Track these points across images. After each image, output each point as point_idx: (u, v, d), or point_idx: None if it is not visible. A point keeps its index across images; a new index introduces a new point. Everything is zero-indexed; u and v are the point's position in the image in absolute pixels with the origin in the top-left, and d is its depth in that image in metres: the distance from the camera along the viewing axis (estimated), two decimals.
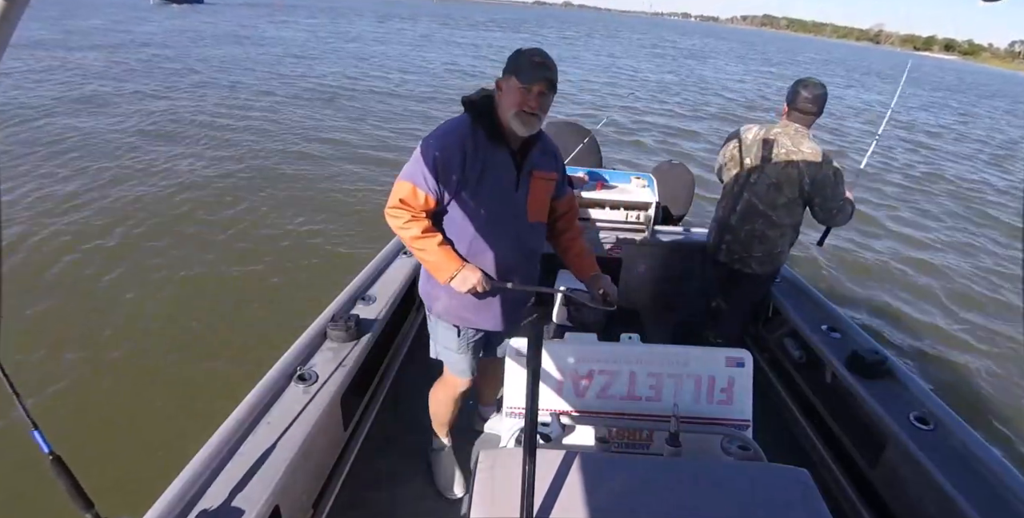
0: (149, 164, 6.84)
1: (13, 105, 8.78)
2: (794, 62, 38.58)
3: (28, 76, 11.11)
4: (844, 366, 2.07)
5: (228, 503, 1.32)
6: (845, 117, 15.19)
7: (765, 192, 2.29)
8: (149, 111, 9.34)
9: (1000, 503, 1.48)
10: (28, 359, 3.27)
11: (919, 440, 1.69)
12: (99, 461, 2.56)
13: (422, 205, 1.53)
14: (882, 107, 15.50)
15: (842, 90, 22.48)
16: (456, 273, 1.53)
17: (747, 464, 1.42)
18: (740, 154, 2.36)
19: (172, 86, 11.55)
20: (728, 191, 2.45)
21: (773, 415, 2.48)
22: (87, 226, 5.15)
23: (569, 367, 1.65)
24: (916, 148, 12.47)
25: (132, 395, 3.14)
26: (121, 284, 4.28)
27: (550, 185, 1.67)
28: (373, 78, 14.79)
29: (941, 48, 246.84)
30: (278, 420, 1.59)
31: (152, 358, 3.46)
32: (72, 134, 7.70)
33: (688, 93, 17.07)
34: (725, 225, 2.44)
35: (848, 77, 31.50)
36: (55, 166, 6.43)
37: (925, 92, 27.23)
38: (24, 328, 3.57)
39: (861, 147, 10.60)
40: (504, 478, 1.15)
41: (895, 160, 10.88)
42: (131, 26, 22.44)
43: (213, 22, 27.72)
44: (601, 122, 3.07)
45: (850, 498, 1.96)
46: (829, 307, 2.52)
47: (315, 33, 26.79)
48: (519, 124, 1.47)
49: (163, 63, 14.20)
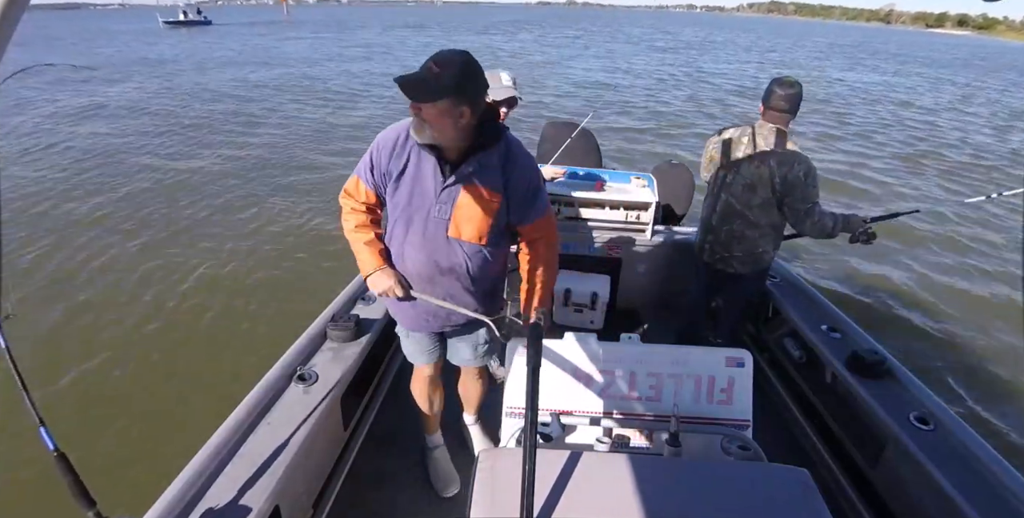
0: (151, 166, 6.84)
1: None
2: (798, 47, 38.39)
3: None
4: (844, 366, 2.07)
5: (228, 503, 1.32)
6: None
7: (741, 192, 2.28)
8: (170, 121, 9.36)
9: (1000, 503, 1.48)
10: (34, 359, 3.28)
11: (919, 440, 1.69)
12: (101, 460, 2.56)
13: (363, 198, 1.56)
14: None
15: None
16: (371, 273, 1.58)
17: (747, 464, 1.42)
18: (719, 154, 2.38)
19: (186, 104, 11.64)
20: (709, 191, 2.47)
21: (773, 415, 2.48)
22: (88, 226, 5.16)
23: (569, 367, 1.65)
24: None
25: (132, 395, 3.15)
26: (124, 285, 4.28)
27: (491, 205, 1.49)
28: (376, 87, 14.87)
29: (954, 24, 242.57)
30: (278, 420, 1.59)
31: (155, 359, 3.47)
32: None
33: (683, 89, 17.04)
34: (708, 225, 2.46)
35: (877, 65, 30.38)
36: (72, 173, 6.45)
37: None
38: (33, 328, 3.58)
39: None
40: (504, 478, 1.15)
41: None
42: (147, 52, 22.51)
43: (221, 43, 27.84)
44: (588, 116, 3.07)
45: (850, 498, 1.96)
46: (829, 307, 2.52)
47: (321, 48, 26.79)
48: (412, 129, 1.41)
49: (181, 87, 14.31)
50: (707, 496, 1.19)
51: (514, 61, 22.75)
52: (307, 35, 35.91)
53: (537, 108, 11.58)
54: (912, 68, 27.80)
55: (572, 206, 3.01)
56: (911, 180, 8.68)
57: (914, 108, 15.54)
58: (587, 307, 3.00)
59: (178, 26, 42.23)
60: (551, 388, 1.63)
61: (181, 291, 4.24)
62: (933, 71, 27.34)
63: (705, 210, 2.50)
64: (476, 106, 1.37)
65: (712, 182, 2.44)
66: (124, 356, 3.46)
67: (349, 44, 27.07)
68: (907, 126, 12.89)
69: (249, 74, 16.92)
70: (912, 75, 24.60)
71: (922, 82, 22.48)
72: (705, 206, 2.51)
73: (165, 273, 4.49)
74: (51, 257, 4.61)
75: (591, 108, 3.48)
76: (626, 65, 23.21)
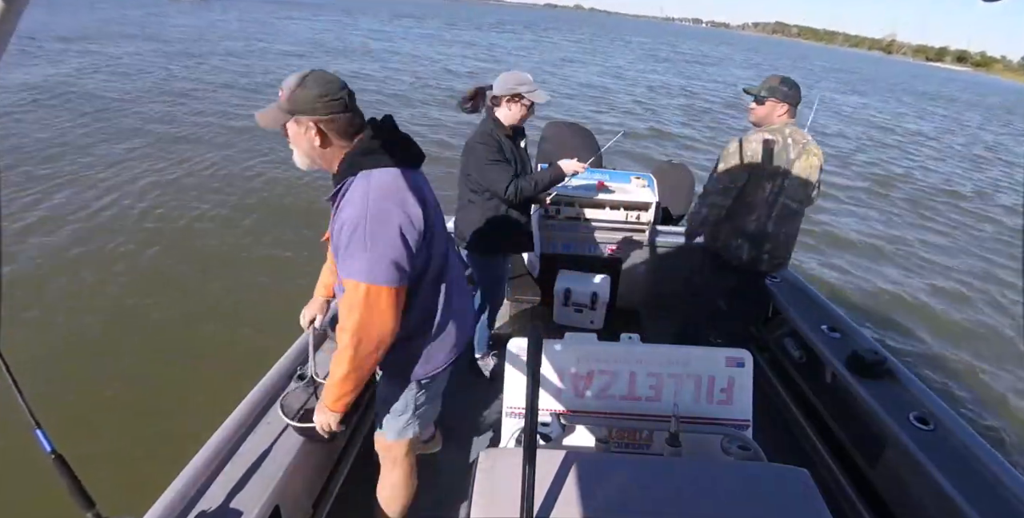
0: (152, 169, 6.84)
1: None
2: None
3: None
4: (844, 366, 2.07)
5: (228, 503, 1.32)
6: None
7: (796, 190, 2.30)
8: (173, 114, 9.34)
9: (1000, 503, 1.48)
10: (30, 359, 3.27)
11: (919, 440, 1.69)
12: (100, 460, 2.56)
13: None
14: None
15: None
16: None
17: (747, 464, 1.42)
18: (761, 161, 2.26)
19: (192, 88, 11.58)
20: (759, 201, 2.31)
21: (773, 415, 2.48)
22: (89, 228, 5.15)
23: (569, 367, 1.65)
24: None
25: (132, 396, 3.15)
26: (122, 286, 4.28)
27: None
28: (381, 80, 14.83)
29: (953, 59, 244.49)
30: (278, 420, 1.59)
31: (153, 358, 3.47)
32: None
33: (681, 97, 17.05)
34: (762, 234, 2.34)
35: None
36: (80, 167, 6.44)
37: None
38: (27, 328, 3.58)
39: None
40: (504, 478, 1.15)
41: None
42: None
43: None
44: (617, 135, 3.05)
45: (850, 498, 1.96)
46: (829, 307, 2.52)
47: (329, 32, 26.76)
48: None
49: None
50: (707, 496, 1.19)
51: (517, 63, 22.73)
52: (309, 16, 35.79)
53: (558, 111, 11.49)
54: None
55: (572, 206, 3.01)
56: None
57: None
58: (587, 307, 3.01)
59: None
60: (551, 388, 1.63)
61: (181, 293, 4.24)
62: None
63: (753, 223, 2.33)
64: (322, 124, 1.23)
65: (762, 193, 2.30)
66: (123, 356, 3.46)
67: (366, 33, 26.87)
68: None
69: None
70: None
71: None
72: (751, 220, 2.33)
73: (166, 275, 4.49)
74: (50, 259, 4.62)
75: (620, 127, 3.41)
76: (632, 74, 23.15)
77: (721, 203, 2.31)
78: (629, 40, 50.64)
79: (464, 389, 2.50)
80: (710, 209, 2.34)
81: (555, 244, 3.08)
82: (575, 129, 3.61)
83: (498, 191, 2.18)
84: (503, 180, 2.16)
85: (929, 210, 8.24)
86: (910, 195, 8.97)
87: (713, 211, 2.33)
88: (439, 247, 1.39)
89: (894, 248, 6.27)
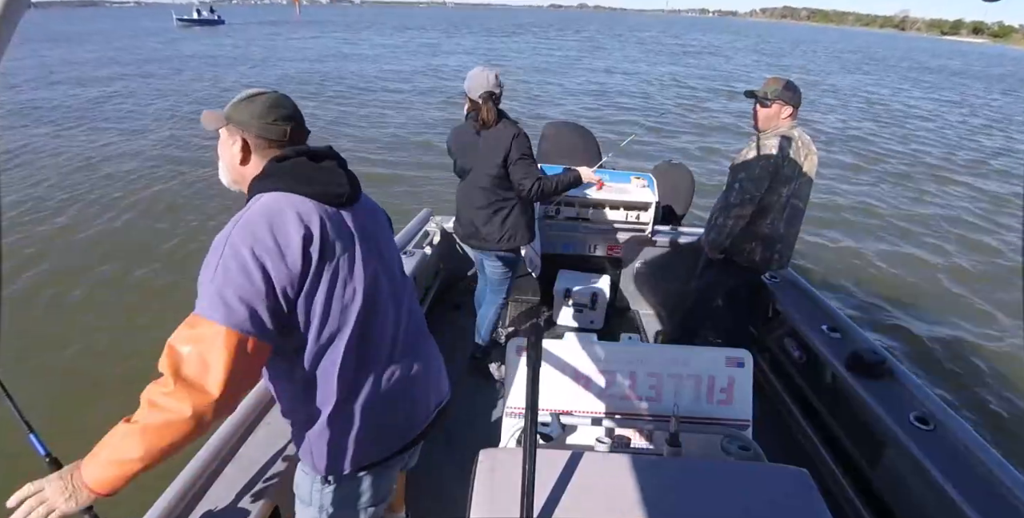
0: (158, 172, 6.85)
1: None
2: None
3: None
4: (844, 366, 2.07)
5: (228, 503, 1.32)
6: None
7: (804, 191, 2.35)
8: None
9: (1000, 503, 1.48)
10: (25, 363, 3.27)
11: (919, 440, 1.69)
12: None
13: None
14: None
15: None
16: None
17: (747, 464, 1.41)
18: (786, 168, 2.25)
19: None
20: (774, 205, 2.31)
21: (773, 415, 2.48)
22: (89, 227, 5.16)
23: (569, 367, 1.65)
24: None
25: (132, 396, 3.14)
26: (120, 287, 4.28)
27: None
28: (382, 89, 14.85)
29: (969, 31, 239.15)
30: (278, 420, 1.58)
31: (151, 359, 3.46)
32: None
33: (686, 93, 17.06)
34: (776, 237, 2.35)
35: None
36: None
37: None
38: (22, 333, 3.58)
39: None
40: (504, 478, 1.14)
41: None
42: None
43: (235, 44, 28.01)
44: (625, 140, 3.02)
45: (850, 498, 1.96)
46: (829, 307, 2.52)
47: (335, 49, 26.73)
48: None
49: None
50: (707, 496, 1.19)
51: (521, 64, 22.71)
52: (318, 33, 35.74)
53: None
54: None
55: (572, 206, 3.01)
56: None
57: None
58: (587, 307, 3.00)
59: (192, 25, 43.66)
60: (551, 388, 1.63)
61: (180, 293, 4.24)
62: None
63: (767, 227, 2.34)
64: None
65: (775, 196, 2.29)
66: (121, 355, 3.45)
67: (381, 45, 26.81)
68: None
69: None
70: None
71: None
72: (765, 223, 2.34)
73: (165, 274, 4.49)
74: (49, 260, 4.62)
75: (629, 132, 3.36)
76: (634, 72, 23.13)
77: (746, 214, 2.31)
78: (636, 36, 50.56)
79: (464, 389, 2.50)
80: (735, 221, 2.32)
81: (555, 244, 3.07)
82: (575, 129, 3.60)
83: (523, 186, 2.18)
84: (532, 176, 2.18)
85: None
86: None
87: (739, 223, 2.33)
88: (362, 301, 1.08)
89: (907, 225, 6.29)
